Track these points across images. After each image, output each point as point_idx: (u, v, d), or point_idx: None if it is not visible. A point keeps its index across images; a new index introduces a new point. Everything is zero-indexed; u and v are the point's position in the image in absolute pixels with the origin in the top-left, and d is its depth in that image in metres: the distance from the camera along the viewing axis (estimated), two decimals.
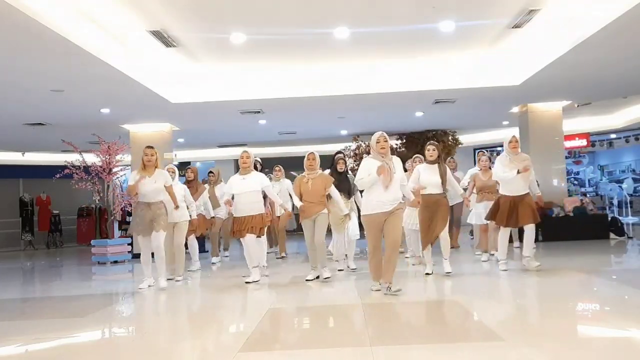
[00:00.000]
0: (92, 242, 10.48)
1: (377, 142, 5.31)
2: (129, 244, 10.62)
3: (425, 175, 6.38)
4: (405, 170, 6.32)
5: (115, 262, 10.13)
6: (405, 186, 5.56)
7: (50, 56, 6.43)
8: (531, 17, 6.77)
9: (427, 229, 6.41)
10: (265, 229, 6.80)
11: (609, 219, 10.58)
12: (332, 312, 4.97)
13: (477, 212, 7.70)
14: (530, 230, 6.46)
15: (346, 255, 7.27)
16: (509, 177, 6.34)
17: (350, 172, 7.69)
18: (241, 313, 5.37)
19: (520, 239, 8.06)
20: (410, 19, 6.77)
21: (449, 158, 9.73)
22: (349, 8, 6.41)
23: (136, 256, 10.57)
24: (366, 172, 5.26)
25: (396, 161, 5.38)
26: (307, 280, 6.51)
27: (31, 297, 7.19)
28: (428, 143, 6.66)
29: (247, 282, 6.53)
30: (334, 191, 6.55)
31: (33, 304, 6.42)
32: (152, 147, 6.60)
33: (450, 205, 6.92)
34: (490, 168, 7.52)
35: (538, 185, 7.22)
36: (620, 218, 11.74)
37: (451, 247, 6.95)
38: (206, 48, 7.59)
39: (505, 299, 5.42)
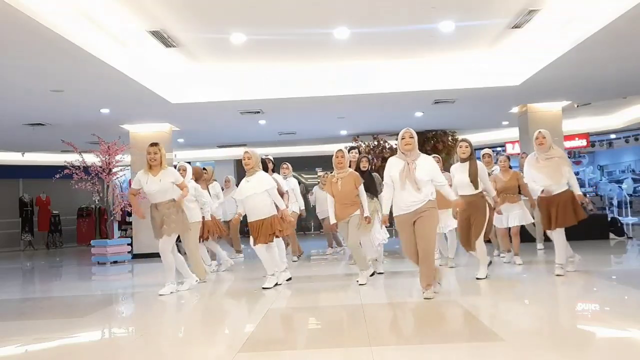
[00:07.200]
0: (92, 242, 10.49)
1: (402, 139, 5.04)
2: (128, 244, 10.63)
3: (458, 175, 5.94)
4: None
5: (115, 262, 10.14)
6: (444, 186, 5.15)
7: (50, 56, 6.43)
8: (531, 17, 6.77)
9: (467, 233, 5.93)
10: (280, 232, 6.17)
11: (609, 219, 10.59)
12: (332, 312, 4.97)
13: (498, 215, 6.99)
14: (558, 234, 5.90)
15: (376, 259, 6.68)
16: (536, 191, 5.91)
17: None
18: (241, 313, 5.37)
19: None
20: (410, 19, 6.77)
21: (434, 155, 9.43)
22: (349, 8, 6.41)
23: (136, 256, 10.60)
24: (387, 173, 5.12)
25: (424, 160, 5.06)
26: (360, 284, 6.03)
27: (31, 297, 7.18)
28: (460, 139, 6.15)
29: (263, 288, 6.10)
30: (362, 192, 6.06)
31: (33, 304, 6.41)
32: (155, 145, 6.06)
33: None
34: (510, 167, 7.23)
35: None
36: (620, 218, 11.76)
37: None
38: (206, 48, 7.59)
39: (506, 299, 5.41)
